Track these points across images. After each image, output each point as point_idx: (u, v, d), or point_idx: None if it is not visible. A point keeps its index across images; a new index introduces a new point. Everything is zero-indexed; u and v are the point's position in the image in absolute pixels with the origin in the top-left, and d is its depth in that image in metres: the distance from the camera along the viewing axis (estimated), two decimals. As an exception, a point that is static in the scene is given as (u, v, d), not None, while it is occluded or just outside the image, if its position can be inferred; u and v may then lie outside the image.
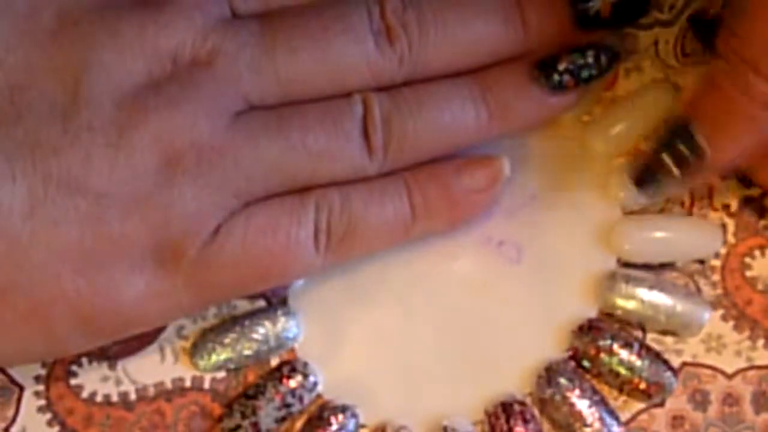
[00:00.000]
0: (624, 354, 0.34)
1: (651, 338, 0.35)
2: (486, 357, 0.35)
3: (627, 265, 0.35)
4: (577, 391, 0.34)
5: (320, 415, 0.34)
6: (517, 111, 0.34)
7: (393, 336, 0.35)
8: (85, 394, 0.34)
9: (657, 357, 0.34)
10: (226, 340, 0.34)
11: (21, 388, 0.34)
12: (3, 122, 0.29)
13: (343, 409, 0.34)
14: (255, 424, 0.34)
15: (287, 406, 0.34)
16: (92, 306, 0.30)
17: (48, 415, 0.34)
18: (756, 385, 0.35)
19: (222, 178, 0.31)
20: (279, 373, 0.34)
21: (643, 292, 0.34)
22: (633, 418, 0.35)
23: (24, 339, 0.31)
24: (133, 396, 0.34)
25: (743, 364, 0.35)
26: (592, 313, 0.35)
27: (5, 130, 0.29)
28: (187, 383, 0.34)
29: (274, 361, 0.35)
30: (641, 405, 0.35)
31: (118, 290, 0.30)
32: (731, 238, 0.36)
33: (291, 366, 0.34)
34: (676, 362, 0.35)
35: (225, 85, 0.31)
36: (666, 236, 0.35)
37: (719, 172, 0.34)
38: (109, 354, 0.34)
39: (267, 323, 0.34)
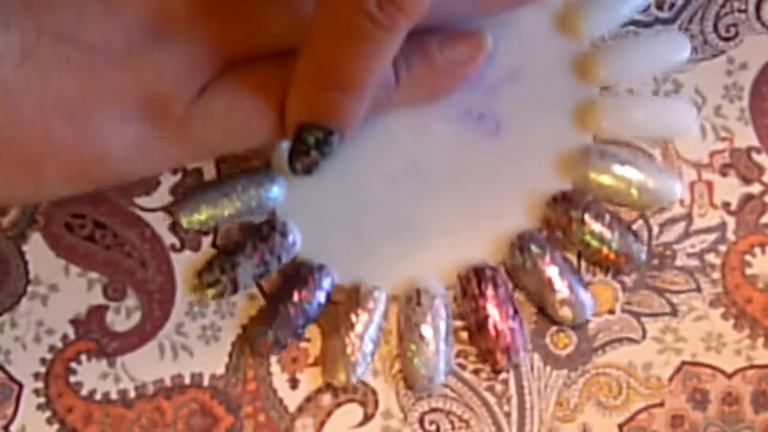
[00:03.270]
0: (595, 226, 0.34)
1: (653, 326, 0.35)
2: (461, 225, 0.35)
3: (602, 142, 0.36)
4: (547, 259, 0.34)
5: (297, 273, 0.35)
6: None
7: (371, 201, 0.35)
8: (84, 392, 0.34)
9: (627, 229, 0.35)
10: (209, 198, 0.35)
11: (20, 386, 0.34)
12: None
13: (320, 268, 0.35)
14: (233, 280, 0.34)
15: (265, 263, 0.34)
16: (80, 154, 0.30)
17: (47, 413, 0.34)
18: (756, 384, 0.35)
19: (211, 35, 0.31)
20: (259, 232, 0.35)
21: (616, 167, 0.35)
22: (632, 417, 0.35)
23: (11, 182, 0.31)
24: (132, 394, 0.34)
25: (743, 364, 0.35)
26: (567, 187, 0.35)
27: None
28: (187, 380, 0.35)
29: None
30: (640, 404, 0.35)
31: (107, 140, 0.31)
32: (731, 236, 0.36)
33: (270, 225, 0.35)
34: (675, 361, 0.35)
35: None
36: (641, 114, 0.36)
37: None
38: (108, 351, 0.35)
39: (249, 184, 0.35)
